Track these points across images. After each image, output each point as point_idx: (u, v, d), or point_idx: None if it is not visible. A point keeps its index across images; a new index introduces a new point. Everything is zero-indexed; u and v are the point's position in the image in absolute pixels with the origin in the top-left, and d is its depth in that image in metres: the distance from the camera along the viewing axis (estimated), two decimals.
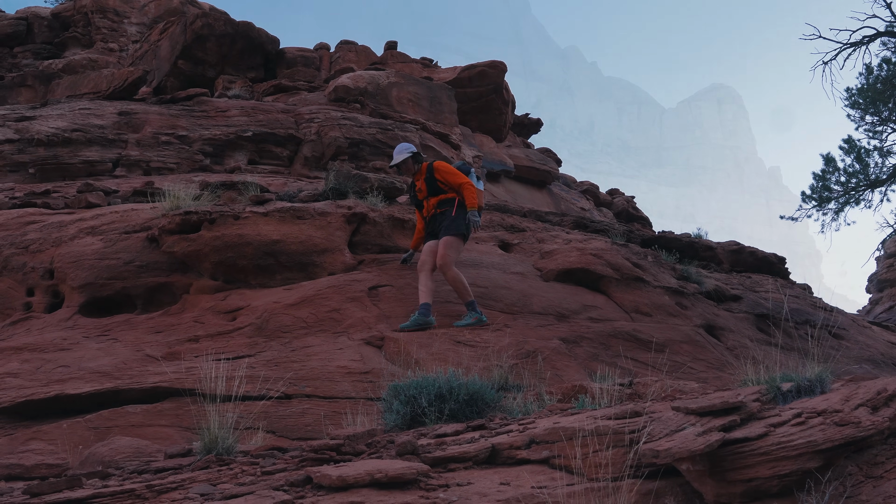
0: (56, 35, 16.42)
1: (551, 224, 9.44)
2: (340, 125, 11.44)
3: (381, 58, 17.22)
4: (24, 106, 11.64)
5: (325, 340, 5.78)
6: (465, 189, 6.40)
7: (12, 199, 8.09)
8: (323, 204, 7.19)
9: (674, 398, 3.82)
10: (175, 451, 3.89)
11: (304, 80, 15.10)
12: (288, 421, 4.81)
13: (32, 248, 6.91)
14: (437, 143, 12.58)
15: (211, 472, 3.20)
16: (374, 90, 12.89)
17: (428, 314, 6.03)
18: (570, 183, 20.25)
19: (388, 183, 8.06)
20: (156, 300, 6.67)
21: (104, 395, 4.97)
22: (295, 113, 11.97)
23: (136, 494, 2.88)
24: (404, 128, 12.04)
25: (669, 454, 2.75)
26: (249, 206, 6.90)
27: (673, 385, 4.62)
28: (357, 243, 7.20)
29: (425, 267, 6.29)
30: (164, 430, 4.73)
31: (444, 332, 5.94)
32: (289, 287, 6.53)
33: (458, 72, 15.52)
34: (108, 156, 10.17)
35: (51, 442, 4.51)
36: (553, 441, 3.18)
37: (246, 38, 14.94)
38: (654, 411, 3.33)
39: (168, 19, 14.85)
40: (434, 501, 2.74)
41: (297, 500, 2.77)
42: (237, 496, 2.81)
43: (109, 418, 4.79)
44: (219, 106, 11.72)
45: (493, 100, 15.64)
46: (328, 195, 7.54)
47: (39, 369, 5.26)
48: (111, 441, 4.26)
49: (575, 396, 4.32)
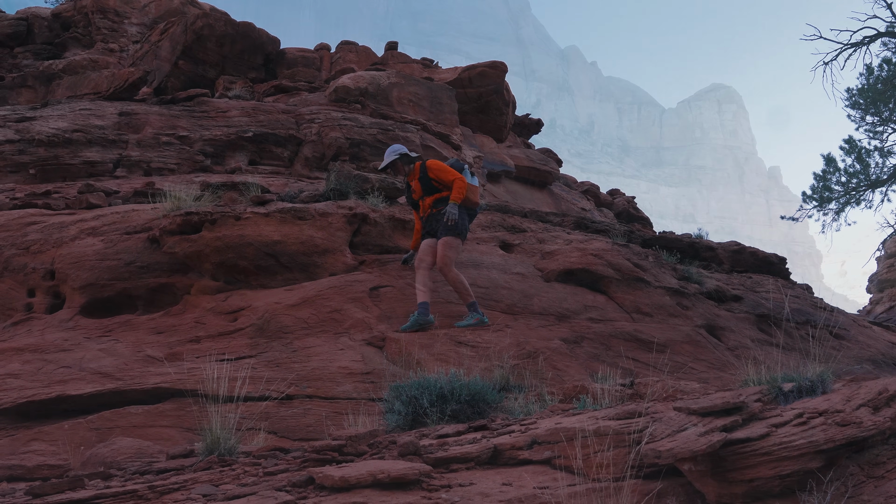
0: (56, 35, 16.42)
1: (552, 224, 9.44)
2: (341, 125, 11.44)
3: (381, 58, 17.22)
4: (25, 106, 11.64)
5: (326, 341, 5.79)
6: (455, 184, 6.41)
7: (13, 200, 8.09)
8: (324, 204, 7.20)
9: (675, 398, 3.82)
10: (177, 451, 3.90)
11: (304, 80, 15.10)
12: (290, 422, 4.82)
13: (33, 249, 6.91)
14: (437, 143, 12.58)
15: (213, 473, 3.20)
16: (375, 90, 12.89)
17: (426, 313, 6.04)
18: (571, 183, 20.26)
19: (389, 183, 8.07)
20: (157, 301, 6.67)
21: (106, 395, 4.98)
22: (295, 113, 11.97)
23: (138, 495, 2.89)
24: (405, 128, 12.04)
25: (671, 454, 2.75)
26: (250, 207, 6.90)
27: (674, 385, 4.63)
28: (358, 244, 7.21)
29: (423, 265, 6.29)
30: (166, 431, 4.73)
31: (445, 332, 5.94)
32: (290, 287, 6.54)
33: (459, 72, 15.52)
34: (108, 156, 10.17)
35: (52, 443, 4.52)
36: (554, 441, 3.19)
37: (246, 38, 14.94)
38: (656, 412, 3.34)
39: (169, 20, 14.85)
40: (436, 502, 2.74)
41: (299, 500, 2.78)
42: (239, 497, 2.81)
43: (111, 419, 4.80)
44: (219, 106, 11.72)
45: (494, 100, 15.64)
46: (329, 196, 7.54)
47: (41, 370, 5.26)
48: (113, 442, 4.27)
49: (576, 397, 4.33)
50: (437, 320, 6.12)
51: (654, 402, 3.71)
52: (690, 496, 2.87)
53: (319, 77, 16.08)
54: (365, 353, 5.63)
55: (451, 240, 6.32)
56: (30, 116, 10.61)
